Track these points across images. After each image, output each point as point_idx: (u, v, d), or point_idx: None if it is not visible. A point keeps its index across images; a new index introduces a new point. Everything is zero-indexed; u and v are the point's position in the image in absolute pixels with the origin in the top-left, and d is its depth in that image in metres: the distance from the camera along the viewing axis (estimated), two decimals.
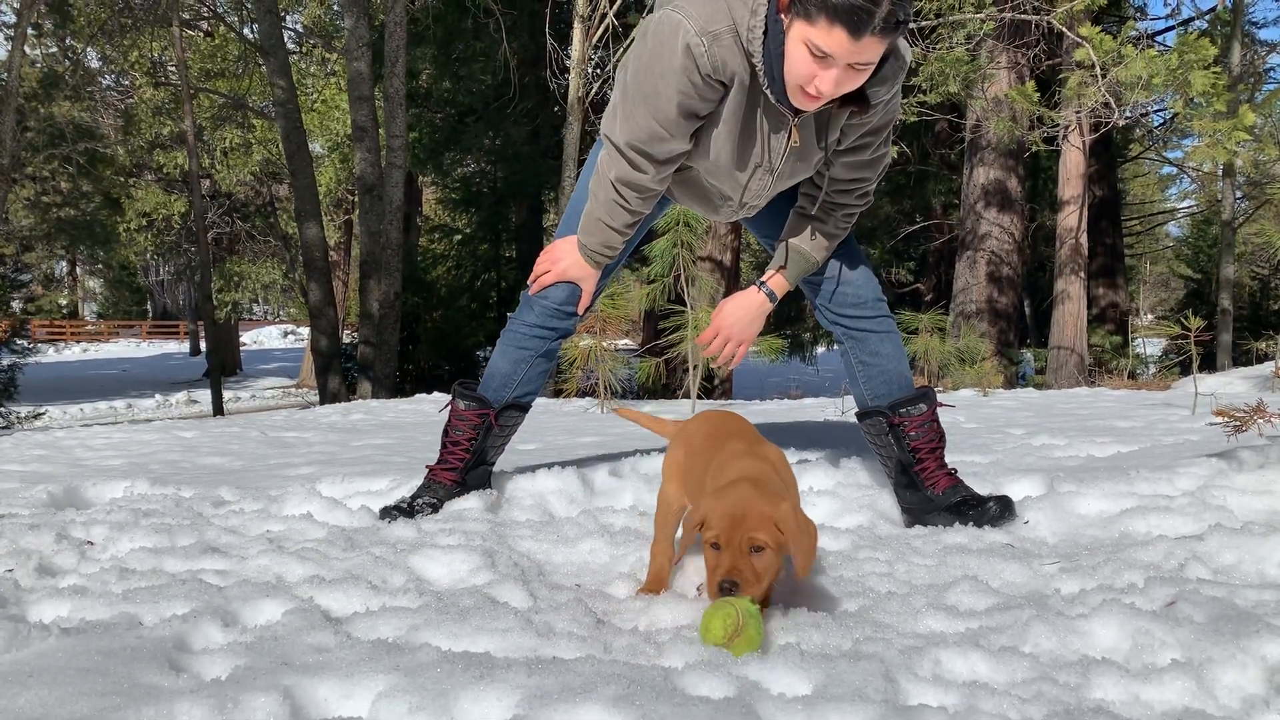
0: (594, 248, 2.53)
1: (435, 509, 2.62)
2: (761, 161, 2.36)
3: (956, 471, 2.62)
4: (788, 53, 2.08)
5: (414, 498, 2.67)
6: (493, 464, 2.80)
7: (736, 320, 2.59)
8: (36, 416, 15.35)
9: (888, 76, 2.21)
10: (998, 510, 2.45)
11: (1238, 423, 2.69)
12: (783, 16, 2.08)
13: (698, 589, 1.99)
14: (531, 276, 2.65)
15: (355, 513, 2.62)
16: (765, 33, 2.12)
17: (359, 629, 1.66)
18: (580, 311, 2.67)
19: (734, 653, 1.53)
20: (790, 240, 2.54)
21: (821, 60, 2.04)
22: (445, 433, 2.74)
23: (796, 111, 2.24)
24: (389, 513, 2.61)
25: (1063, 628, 1.60)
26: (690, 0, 2.16)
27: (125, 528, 2.40)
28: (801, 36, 2.03)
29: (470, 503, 2.62)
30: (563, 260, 2.59)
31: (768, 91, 2.19)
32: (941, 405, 2.70)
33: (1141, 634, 1.55)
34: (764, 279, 2.58)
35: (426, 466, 2.78)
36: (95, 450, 4.65)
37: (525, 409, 2.78)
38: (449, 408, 2.76)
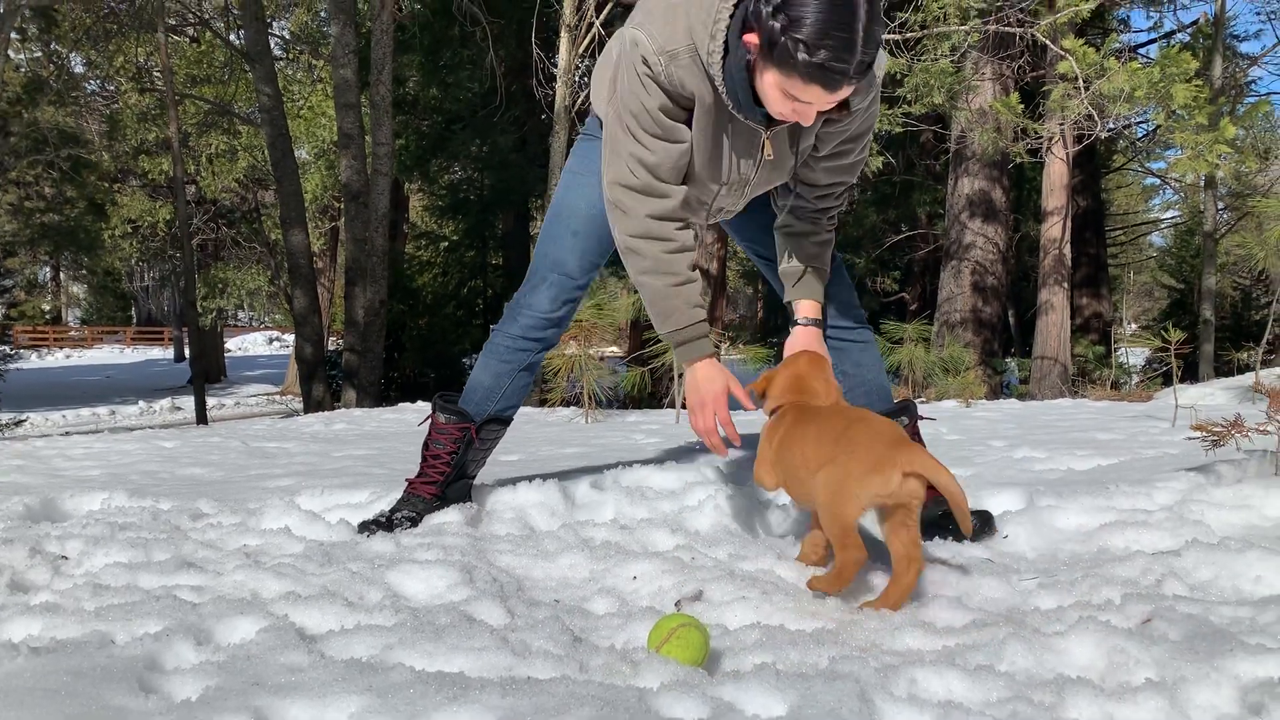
0: (685, 323, 2.30)
1: (414, 523, 2.61)
2: (731, 177, 2.35)
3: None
4: (763, 89, 2.06)
5: (393, 511, 2.65)
6: (473, 477, 2.79)
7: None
8: (18, 423, 15.22)
9: (863, 88, 2.21)
10: (978, 525, 2.46)
11: (1215, 437, 2.70)
12: (749, 49, 2.04)
13: (676, 603, 1.99)
14: (708, 438, 2.32)
15: (334, 526, 2.61)
16: (725, 55, 2.09)
17: (333, 648, 1.65)
18: (758, 406, 2.35)
19: (676, 656, 1.59)
20: (796, 264, 2.48)
21: (798, 104, 2.04)
22: (425, 446, 2.72)
23: (770, 123, 2.22)
24: (367, 527, 2.59)
25: (1039, 646, 1.61)
26: (650, 18, 2.15)
27: (101, 542, 2.38)
28: (775, 82, 2.02)
29: (449, 516, 2.61)
30: (700, 392, 2.30)
31: (733, 111, 2.17)
32: (922, 418, 2.70)
33: (1117, 652, 1.56)
34: (802, 314, 2.46)
35: (406, 480, 2.76)
36: (74, 460, 4.61)
37: (507, 422, 2.77)
38: (429, 420, 2.73)
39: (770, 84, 2.03)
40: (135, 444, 5.30)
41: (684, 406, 7.34)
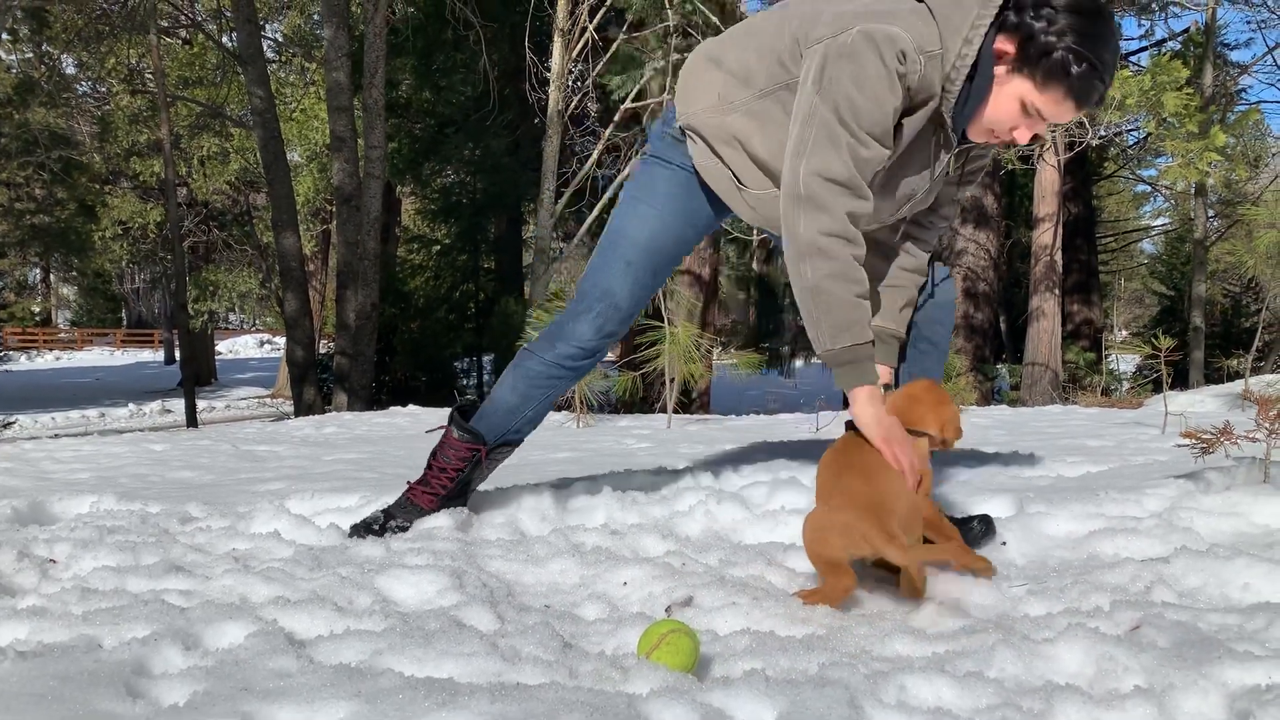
0: (863, 339, 2.12)
1: (405, 530, 2.60)
2: (913, 191, 2.28)
3: None
4: (994, 99, 2.05)
5: (387, 518, 2.63)
6: (473, 491, 2.77)
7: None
8: (7, 425, 15.17)
9: None
10: (981, 530, 2.46)
11: (1205, 444, 2.71)
12: (1000, 64, 2.02)
13: (666, 609, 1.99)
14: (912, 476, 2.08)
15: (324, 531, 2.60)
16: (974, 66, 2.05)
17: (322, 653, 1.64)
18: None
19: (666, 663, 1.60)
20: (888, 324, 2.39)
21: (1031, 119, 2.04)
22: (434, 455, 2.64)
23: (960, 140, 2.20)
24: (359, 531, 2.58)
25: (1028, 652, 1.61)
26: (899, 16, 2.05)
27: (89, 545, 2.37)
28: (1019, 93, 2.02)
29: (440, 521, 2.60)
30: (884, 428, 2.07)
31: (949, 120, 2.12)
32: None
33: (1105, 659, 1.56)
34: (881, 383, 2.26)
35: (407, 483, 2.72)
36: (63, 463, 4.60)
37: (518, 444, 2.71)
38: (442, 430, 2.66)
39: (1012, 95, 2.03)
40: (125, 447, 5.28)
41: (677, 411, 7.36)
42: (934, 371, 2.60)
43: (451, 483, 2.62)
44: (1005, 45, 2.02)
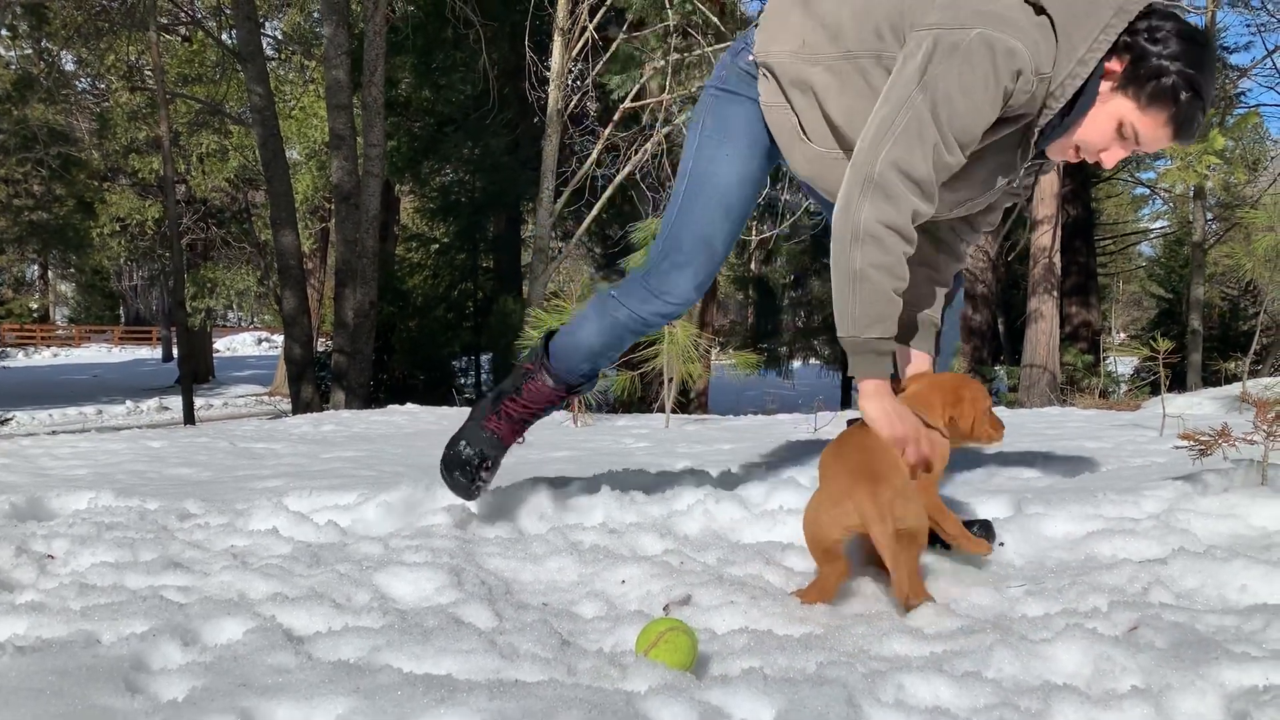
0: (890, 333, 2.10)
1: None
2: (974, 196, 2.25)
3: None
4: (1092, 117, 2.01)
5: (480, 458, 2.57)
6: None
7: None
8: (3, 422, 15.16)
9: None
10: (980, 535, 2.46)
11: (1203, 447, 2.71)
12: (1105, 81, 1.98)
13: (664, 607, 1.99)
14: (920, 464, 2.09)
15: (322, 528, 2.60)
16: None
17: (320, 649, 1.64)
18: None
19: (664, 661, 1.60)
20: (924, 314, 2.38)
21: (1124, 141, 2.01)
22: (516, 391, 2.59)
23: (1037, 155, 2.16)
24: (456, 470, 2.55)
25: (1026, 653, 1.61)
26: (1023, 30, 1.95)
27: (87, 541, 2.36)
28: (1119, 114, 1.98)
29: (438, 519, 2.61)
30: (890, 419, 2.06)
31: (1039, 134, 2.08)
32: None
33: (1103, 660, 1.56)
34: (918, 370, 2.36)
35: (484, 422, 2.60)
36: (61, 459, 4.59)
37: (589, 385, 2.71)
38: (539, 370, 2.59)
39: (1111, 115, 1.99)
40: (123, 443, 5.28)
41: (675, 410, 7.36)
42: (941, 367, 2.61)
43: (533, 419, 2.61)
44: (1114, 64, 1.98)
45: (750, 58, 2.32)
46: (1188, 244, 17.19)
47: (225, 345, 45.37)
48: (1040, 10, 1.97)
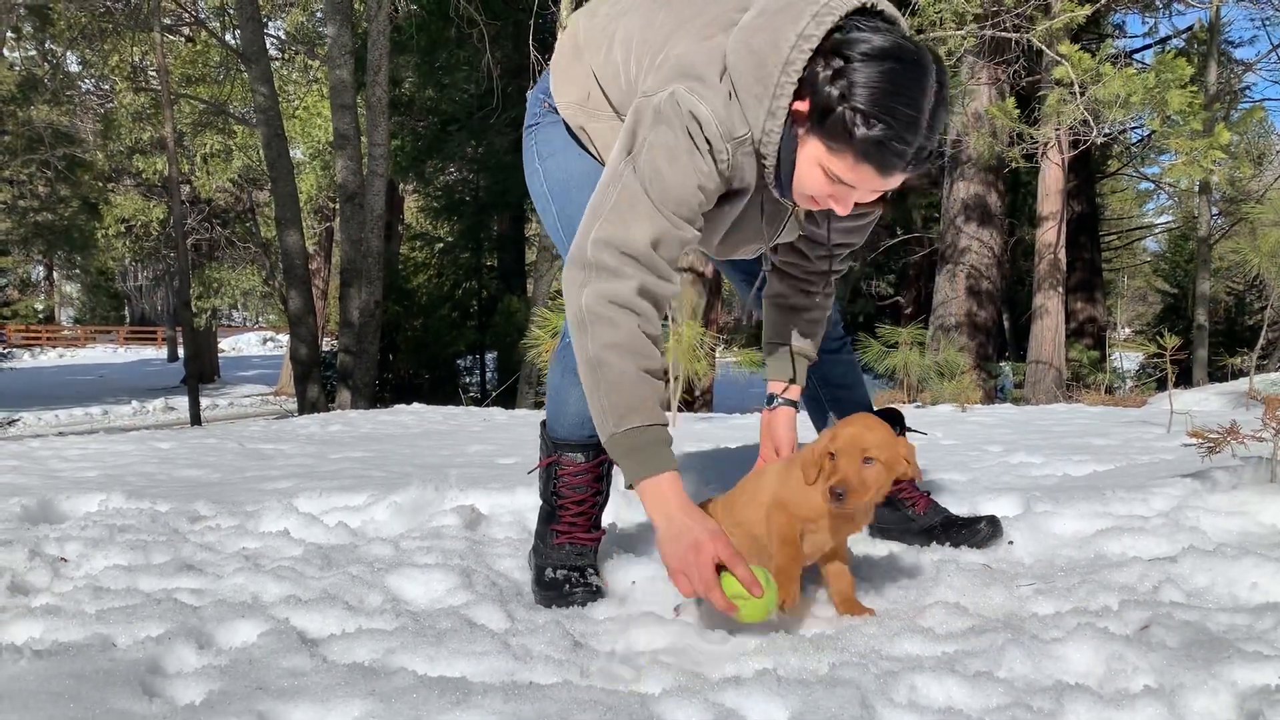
0: (653, 420, 1.84)
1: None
2: (754, 241, 2.14)
3: (929, 493, 2.63)
4: (800, 168, 1.84)
5: (577, 578, 2.14)
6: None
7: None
8: (11, 423, 15.21)
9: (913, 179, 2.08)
10: (988, 531, 2.46)
11: (1211, 444, 2.71)
12: (797, 127, 1.81)
13: (675, 608, 1.99)
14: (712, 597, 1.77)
15: (332, 529, 2.61)
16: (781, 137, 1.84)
17: (335, 651, 1.65)
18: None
19: (742, 615, 1.73)
20: (789, 345, 2.31)
21: (839, 186, 1.82)
22: (556, 494, 2.24)
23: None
24: (553, 595, 2.10)
25: (1037, 652, 1.61)
26: (705, 94, 1.82)
27: (100, 544, 2.38)
28: (818, 159, 1.80)
29: (448, 520, 2.62)
30: (692, 534, 1.78)
31: (774, 191, 1.94)
32: (910, 430, 2.66)
33: (1115, 659, 1.57)
34: (779, 393, 2.32)
35: (554, 530, 2.22)
36: (70, 461, 4.61)
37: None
38: (557, 456, 2.24)
39: (811, 159, 1.82)
40: (131, 445, 5.30)
41: (680, 409, 7.36)
42: (864, 404, 2.60)
43: (595, 507, 2.27)
44: (800, 105, 1.79)
45: (547, 104, 2.22)
46: (1193, 239, 17.15)
47: (230, 345, 45.43)
48: (724, 68, 1.84)
